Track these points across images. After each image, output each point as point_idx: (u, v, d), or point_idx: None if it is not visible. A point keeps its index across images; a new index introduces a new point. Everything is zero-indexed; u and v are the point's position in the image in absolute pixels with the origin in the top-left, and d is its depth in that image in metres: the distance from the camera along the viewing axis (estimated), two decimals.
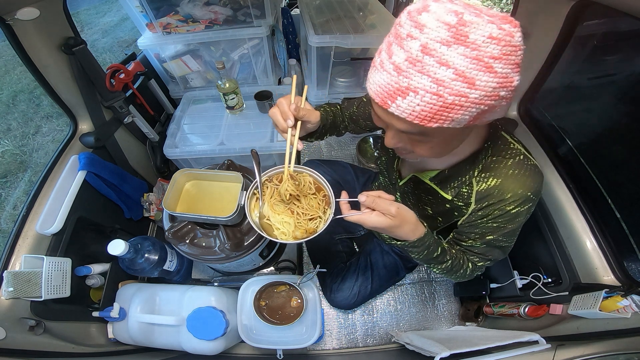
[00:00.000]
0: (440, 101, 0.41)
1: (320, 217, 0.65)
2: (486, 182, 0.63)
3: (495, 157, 0.62)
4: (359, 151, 1.75)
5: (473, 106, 0.42)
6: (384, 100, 0.45)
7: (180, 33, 1.44)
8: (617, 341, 0.75)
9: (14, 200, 2.37)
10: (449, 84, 0.40)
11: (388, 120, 0.49)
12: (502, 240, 0.67)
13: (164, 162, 1.58)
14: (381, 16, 1.61)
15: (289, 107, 0.62)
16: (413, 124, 0.45)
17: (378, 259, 1.22)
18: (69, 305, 0.98)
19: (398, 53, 0.42)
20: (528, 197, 0.60)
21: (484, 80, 0.40)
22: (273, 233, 0.64)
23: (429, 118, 0.43)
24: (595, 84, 1.08)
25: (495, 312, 1.18)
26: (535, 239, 1.08)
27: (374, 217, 0.58)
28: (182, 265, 1.24)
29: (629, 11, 0.68)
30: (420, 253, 0.66)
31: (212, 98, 1.57)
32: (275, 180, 0.67)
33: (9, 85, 3.33)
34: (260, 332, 1.01)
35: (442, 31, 0.39)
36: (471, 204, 0.66)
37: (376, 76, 0.46)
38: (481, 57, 0.39)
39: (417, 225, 0.63)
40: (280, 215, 0.65)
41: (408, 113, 0.44)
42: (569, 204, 0.99)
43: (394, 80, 0.43)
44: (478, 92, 0.40)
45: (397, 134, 0.53)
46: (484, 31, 0.38)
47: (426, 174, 0.72)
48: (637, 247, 0.87)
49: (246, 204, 0.65)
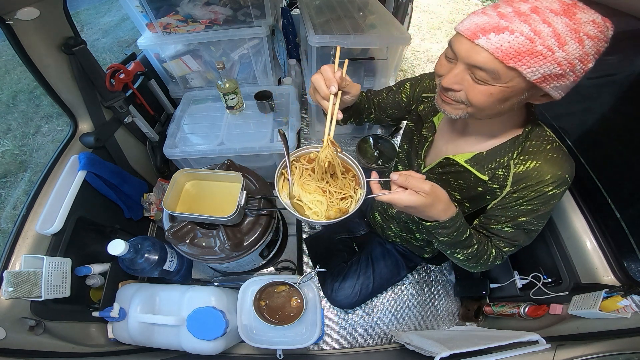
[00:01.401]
0: (530, 46, 0.46)
1: (351, 196, 0.64)
2: (524, 164, 0.64)
3: (534, 142, 0.65)
4: (359, 151, 1.75)
5: (552, 63, 0.47)
6: (475, 33, 0.49)
7: (180, 33, 1.44)
8: (617, 341, 0.75)
9: (14, 200, 2.36)
10: (544, 36, 0.46)
11: (467, 54, 0.52)
12: (533, 222, 0.68)
13: (164, 162, 1.58)
14: (381, 16, 1.61)
15: (334, 74, 0.61)
16: (493, 59, 0.49)
17: (379, 257, 1.22)
18: (69, 305, 0.98)
19: (505, 8, 0.49)
20: (565, 179, 0.62)
21: (572, 47, 0.46)
22: (305, 213, 0.63)
23: (511, 56, 0.47)
24: (595, 84, 1.08)
25: (495, 312, 1.18)
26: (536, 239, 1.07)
27: (406, 196, 0.56)
28: (182, 265, 1.24)
29: (629, 11, 0.68)
30: (450, 235, 0.65)
31: (212, 98, 1.57)
32: (303, 160, 0.66)
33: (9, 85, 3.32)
34: (260, 332, 1.01)
35: (555, 4, 0.47)
36: (507, 186, 0.67)
37: (474, 18, 0.51)
38: (578, 30, 0.46)
39: (449, 204, 0.62)
40: (312, 195, 0.64)
41: (495, 47, 0.48)
42: (569, 204, 0.99)
43: (495, 21, 0.48)
44: (563, 54, 0.46)
45: (462, 72, 0.54)
46: (590, 15, 0.47)
47: (461, 155, 0.72)
48: (637, 247, 0.87)
49: (275, 184, 0.64)
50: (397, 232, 1.13)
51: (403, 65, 3.04)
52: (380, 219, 1.17)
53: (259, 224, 1.00)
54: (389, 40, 1.42)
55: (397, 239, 1.17)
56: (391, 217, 1.09)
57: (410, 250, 1.20)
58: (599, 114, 1.07)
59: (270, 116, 1.47)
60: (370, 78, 1.65)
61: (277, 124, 1.44)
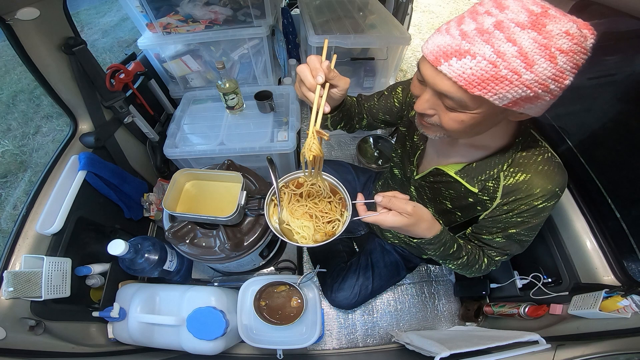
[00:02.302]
0: (494, 71, 0.42)
1: (338, 219, 0.66)
2: (514, 177, 0.63)
3: (525, 153, 0.63)
4: (359, 151, 1.76)
5: (521, 87, 0.43)
6: (438, 59, 0.46)
7: (180, 33, 1.44)
8: (617, 341, 0.75)
9: (14, 200, 2.36)
10: (509, 58, 0.41)
11: (432, 81, 0.49)
12: (523, 234, 0.69)
13: (164, 162, 1.58)
14: (381, 16, 1.61)
15: (321, 64, 0.56)
16: (457, 87, 0.46)
17: (379, 258, 1.22)
18: (69, 305, 0.98)
19: (469, 23, 0.44)
20: (555, 193, 0.61)
21: (542, 67, 0.41)
22: (293, 238, 0.66)
23: (475, 84, 0.44)
24: (595, 84, 1.08)
25: (495, 312, 1.18)
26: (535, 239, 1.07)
27: (390, 217, 0.59)
28: (182, 265, 1.24)
29: (629, 11, 0.68)
30: (437, 250, 0.68)
31: (212, 98, 1.57)
32: (291, 186, 0.68)
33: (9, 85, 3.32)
34: (260, 332, 1.01)
35: (522, 15, 0.41)
36: (496, 198, 0.67)
37: (437, 38, 0.47)
38: (549, 46, 0.40)
39: (433, 223, 0.64)
40: (299, 220, 0.66)
41: (457, 74, 0.44)
42: (569, 204, 0.99)
43: (456, 42, 0.44)
44: (531, 76, 0.42)
45: (433, 98, 0.52)
46: (562, 26, 0.40)
47: (451, 166, 0.72)
48: (637, 247, 0.87)
49: (265, 210, 0.66)
50: (396, 234, 1.13)
51: (403, 65, 3.03)
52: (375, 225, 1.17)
53: (259, 224, 1.00)
54: (389, 40, 1.42)
55: (396, 240, 1.17)
56: None
57: (409, 251, 1.20)
58: (599, 114, 1.07)
59: (270, 116, 1.47)
60: (370, 78, 1.65)
61: (277, 124, 1.44)
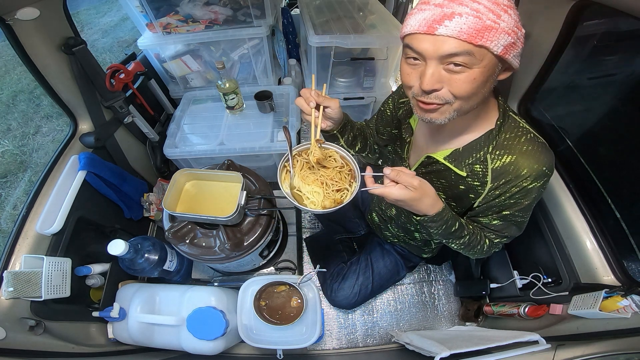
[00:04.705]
0: (481, 23, 0.49)
1: (347, 188, 0.69)
2: (501, 159, 0.65)
3: (508, 135, 0.66)
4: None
5: (504, 33, 0.50)
6: (431, 26, 0.51)
7: (180, 33, 1.44)
8: (617, 341, 0.75)
9: (14, 200, 2.36)
10: (484, 12, 0.49)
11: (433, 48, 0.52)
12: (517, 215, 0.70)
13: (164, 162, 1.58)
14: (381, 16, 1.61)
15: (311, 93, 0.70)
16: (461, 42, 0.50)
17: (379, 258, 1.22)
18: (69, 305, 0.98)
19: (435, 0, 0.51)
20: (543, 172, 0.63)
21: (506, 17, 0.50)
22: (303, 202, 0.69)
23: (474, 34, 0.49)
24: (595, 84, 1.08)
25: (495, 312, 1.18)
26: (535, 239, 1.08)
27: (397, 190, 0.61)
28: (182, 265, 1.24)
29: (629, 11, 0.68)
30: (439, 227, 0.69)
31: (212, 98, 1.57)
32: (304, 155, 0.72)
33: (9, 85, 3.32)
34: (260, 332, 1.01)
35: None
36: (487, 183, 0.68)
37: (417, 15, 0.53)
38: (498, 3, 0.50)
39: (437, 199, 0.66)
40: (310, 186, 0.70)
41: (458, 30, 0.49)
42: (569, 204, 0.98)
43: (438, 11, 0.51)
44: (504, 24, 0.50)
45: (437, 69, 0.54)
46: None
47: (440, 152, 0.74)
48: (637, 247, 0.87)
49: (278, 175, 0.70)
50: (395, 233, 1.13)
51: None
52: (378, 220, 1.18)
53: (259, 224, 1.00)
54: (389, 40, 1.42)
55: (396, 239, 1.17)
56: (389, 218, 1.10)
57: (409, 251, 1.20)
58: (599, 114, 1.07)
59: (270, 116, 1.47)
60: (370, 78, 1.65)
61: (277, 124, 1.44)
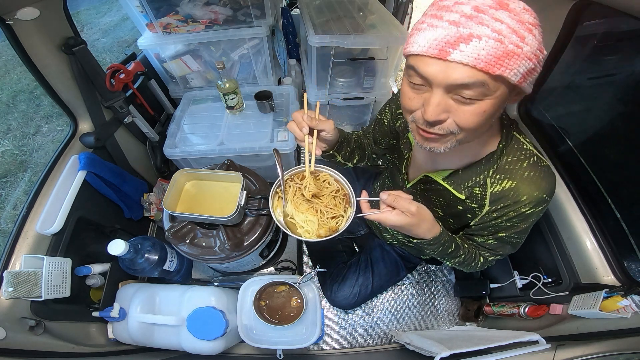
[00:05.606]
0: (502, 47, 0.43)
1: (342, 215, 0.67)
2: (501, 184, 0.64)
3: (510, 159, 0.63)
4: None
5: (525, 59, 0.44)
6: (444, 49, 0.44)
7: (180, 33, 1.44)
8: (617, 341, 0.75)
9: (14, 200, 2.36)
10: (507, 34, 0.43)
11: (442, 75, 0.46)
12: (513, 237, 0.70)
13: (164, 162, 1.58)
14: (381, 16, 1.61)
15: (303, 117, 0.65)
16: (476, 71, 0.44)
17: (379, 258, 1.22)
18: (69, 305, 0.98)
19: (450, 14, 0.44)
20: (543, 199, 0.62)
21: (530, 39, 0.44)
22: (297, 231, 0.66)
23: (493, 62, 0.43)
24: (595, 84, 1.08)
25: (495, 312, 1.18)
26: (535, 239, 1.08)
27: (394, 216, 0.59)
28: (182, 265, 1.24)
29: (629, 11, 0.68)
30: (436, 250, 0.69)
31: (212, 98, 1.57)
32: (296, 179, 0.69)
33: (9, 85, 3.32)
34: (260, 332, 1.01)
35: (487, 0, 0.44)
36: (485, 206, 0.67)
37: (428, 33, 0.46)
38: (523, 21, 0.43)
39: (434, 224, 0.65)
40: (304, 214, 0.67)
41: (474, 57, 0.43)
42: (569, 204, 0.98)
43: (453, 31, 0.43)
44: (527, 47, 0.44)
45: (444, 98, 0.48)
46: (519, 4, 0.44)
47: (439, 173, 0.72)
48: (637, 247, 0.87)
49: (270, 202, 0.67)
50: (394, 235, 1.13)
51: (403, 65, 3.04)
52: (377, 223, 1.18)
53: (259, 224, 1.00)
54: (389, 40, 1.42)
55: (395, 241, 1.17)
56: None
57: (408, 252, 1.20)
58: (599, 114, 1.07)
59: (270, 116, 1.47)
60: (370, 78, 1.65)
61: (277, 123, 1.44)
